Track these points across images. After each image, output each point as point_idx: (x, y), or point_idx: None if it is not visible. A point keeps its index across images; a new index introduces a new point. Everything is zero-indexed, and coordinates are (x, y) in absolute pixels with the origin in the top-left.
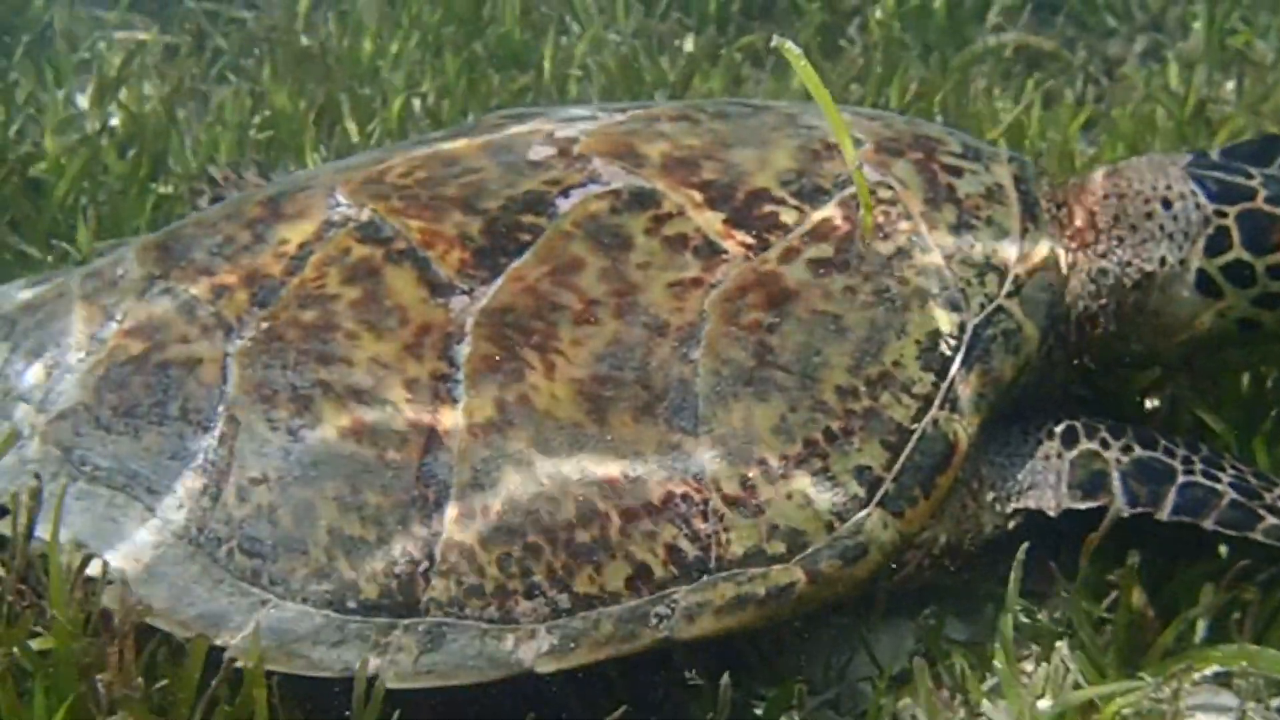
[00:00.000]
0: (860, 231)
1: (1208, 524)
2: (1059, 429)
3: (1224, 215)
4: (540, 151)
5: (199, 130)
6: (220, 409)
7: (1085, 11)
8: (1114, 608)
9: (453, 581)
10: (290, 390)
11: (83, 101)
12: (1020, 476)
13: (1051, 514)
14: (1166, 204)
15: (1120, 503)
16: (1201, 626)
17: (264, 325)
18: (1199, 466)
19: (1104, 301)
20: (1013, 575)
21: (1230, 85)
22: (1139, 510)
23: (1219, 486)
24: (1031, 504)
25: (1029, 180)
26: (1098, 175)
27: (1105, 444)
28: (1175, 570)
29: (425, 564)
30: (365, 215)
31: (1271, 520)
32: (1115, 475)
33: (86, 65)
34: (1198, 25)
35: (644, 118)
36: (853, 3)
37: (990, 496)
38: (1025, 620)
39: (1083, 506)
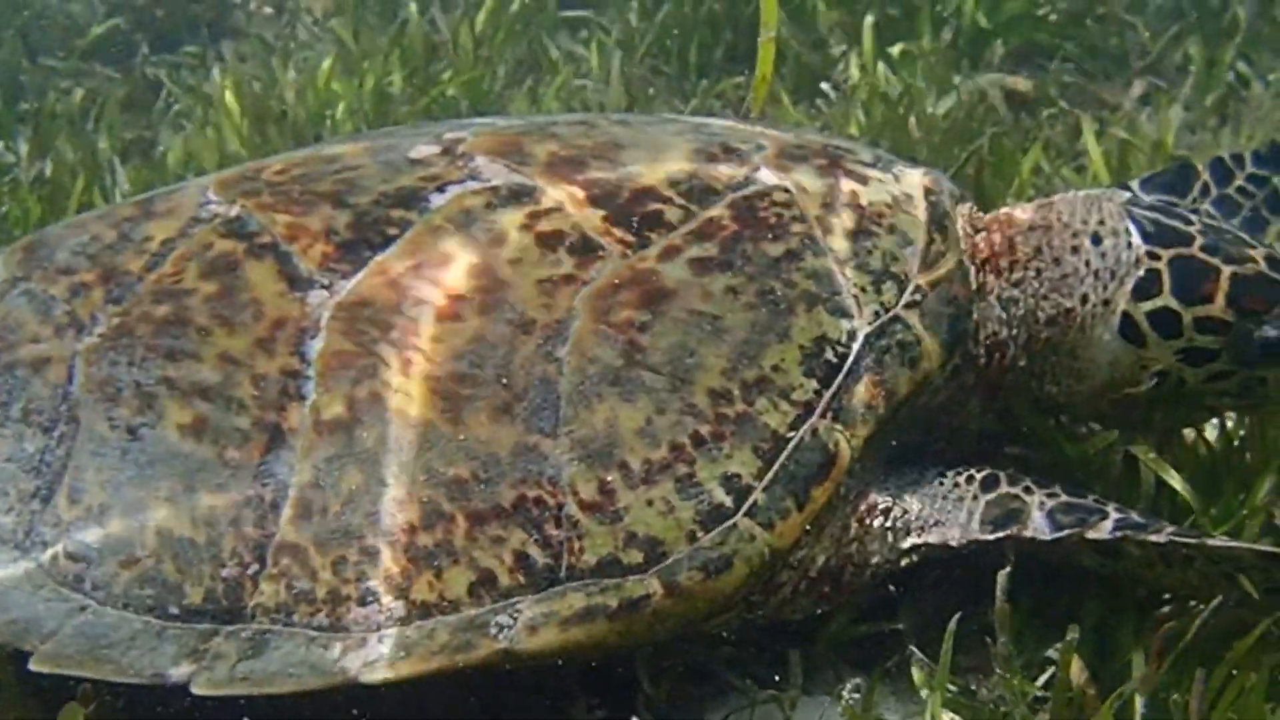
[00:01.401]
0: (755, 103)
1: (1160, 537)
2: (980, 475)
3: (1156, 258)
4: (423, 150)
5: (129, 176)
6: (63, 409)
7: (1084, 56)
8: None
9: (282, 586)
10: (134, 388)
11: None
12: (925, 513)
13: (954, 544)
14: (1097, 239)
15: (1042, 527)
16: (1139, 704)
17: (115, 322)
18: (1133, 514)
19: (1014, 331)
20: (944, 648)
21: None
22: (1062, 534)
23: (1159, 523)
24: (934, 539)
25: (942, 194)
26: (1029, 205)
27: (1029, 490)
28: (1119, 646)
29: (255, 567)
30: (234, 211)
31: (1223, 539)
32: (1037, 513)
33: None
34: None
35: (542, 122)
36: (840, 49)
37: (881, 524)
38: (962, 700)
39: (991, 537)
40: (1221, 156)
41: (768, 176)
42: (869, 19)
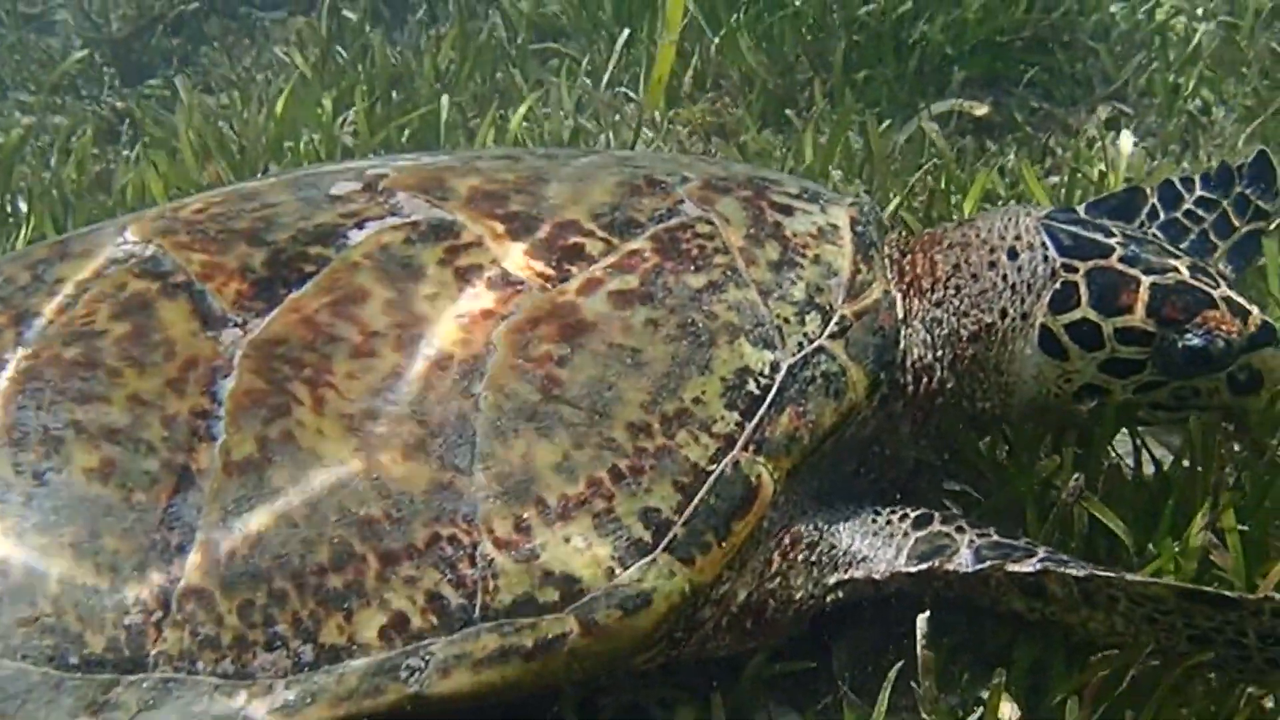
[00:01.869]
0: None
1: (1082, 571)
2: (914, 514)
3: (1074, 270)
4: (344, 186)
5: (89, 210)
6: None
7: (1051, 82)
8: None
9: (187, 632)
10: (42, 432)
11: None
12: (853, 549)
13: (878, 578)
14: (1013, 254)
15: (965, 559)
16: None
17: (24, 365)
18: (1063, 556)
19: (939, 353)
20: (881, 697)
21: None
22: (984, 566)
23: (1086, 565)
24: (859, 574)
25: (868, 223)
26: (950, 225)
27: (961, 529)
28: (1053, 686)
29: (159, 614)
30: (149, 251)
31: (1143, 576)
32: (965, 550)
33: None
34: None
35: (467, 156)
36: (806, 75)
37: (805, 558)
38: None
39: (914, 569)
40: (1171, 180)
41: (691, 209)
42: (840, 44)
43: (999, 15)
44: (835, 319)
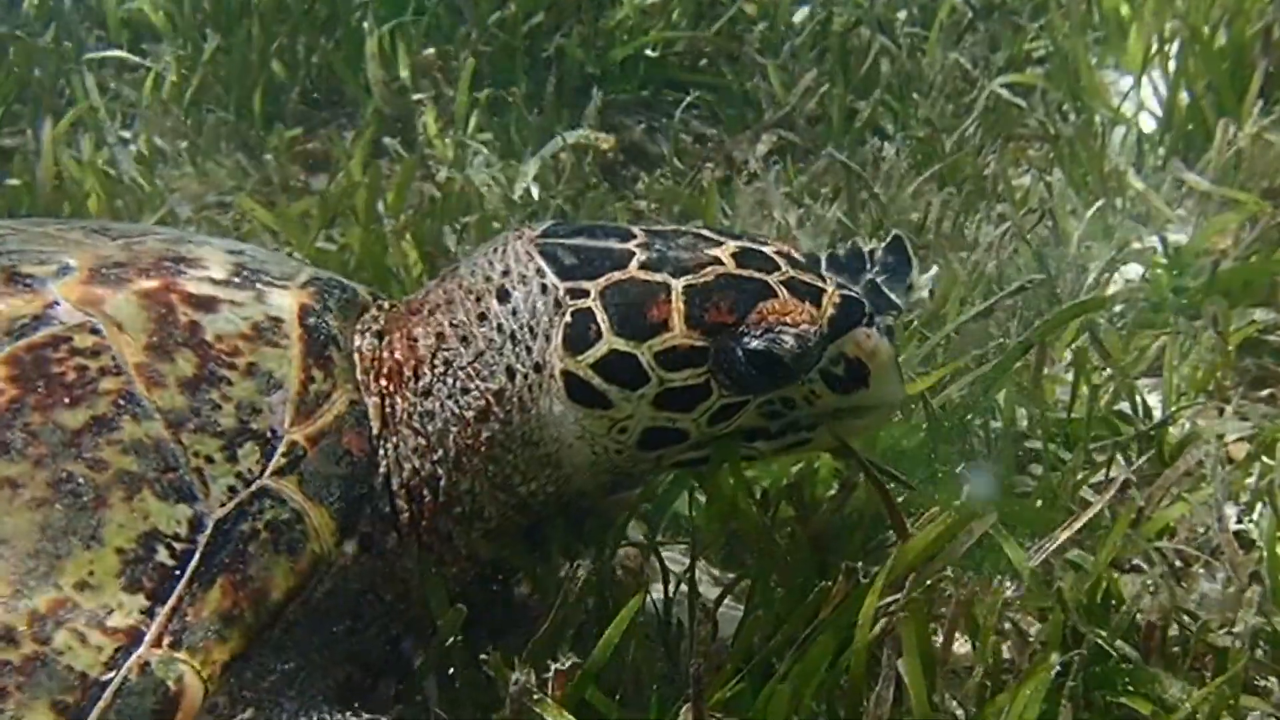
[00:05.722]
0: None
1: None
2: None
3: (582, 295)
4: None
5: None
6: None
7: (719, 103)
8: None
9: None
10: None
11: None
12: None
13: None
14: (504, 295)
15: None
16: None
17: None
18: None
19: (440, 454)
20: None
21: None
22: None
23: None
24: None
25: (326, 311)
26: (432, 283)
27: None
28: None
29: None
30: None
31: None
32: None
33: None
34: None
35: None
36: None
37: None
38: None
39: None
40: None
41: (68, 313)
42: (468, 60)
43: (651, 26)
44: (281, 448)
